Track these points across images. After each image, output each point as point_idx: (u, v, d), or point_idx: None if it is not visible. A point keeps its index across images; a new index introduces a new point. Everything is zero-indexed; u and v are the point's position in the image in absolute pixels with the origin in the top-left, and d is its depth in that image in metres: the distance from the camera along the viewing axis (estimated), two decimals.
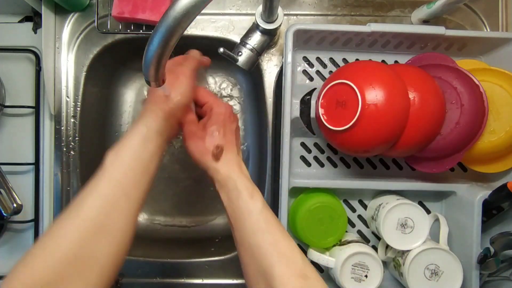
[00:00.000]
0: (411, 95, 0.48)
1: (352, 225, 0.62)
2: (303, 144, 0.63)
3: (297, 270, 0.39)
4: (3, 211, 0.62)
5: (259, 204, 0.43)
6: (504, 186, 0.50)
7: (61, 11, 0.64)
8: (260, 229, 0.41)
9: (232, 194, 0.44)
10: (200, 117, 0.51)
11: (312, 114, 0.56)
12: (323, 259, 0.55)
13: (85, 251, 0.36)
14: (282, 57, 0.63)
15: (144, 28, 0.63)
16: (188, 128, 0.48)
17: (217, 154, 0.45)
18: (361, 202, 0.62)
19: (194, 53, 0.56)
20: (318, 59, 0.61)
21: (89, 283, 0.36)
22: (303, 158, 0.62)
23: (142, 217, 0.76)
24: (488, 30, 0.64)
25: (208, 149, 0.46)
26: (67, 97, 0.65)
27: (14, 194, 0.63)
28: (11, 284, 0.33)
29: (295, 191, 0.59)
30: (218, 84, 0.78)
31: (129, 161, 0.41)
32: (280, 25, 0.58)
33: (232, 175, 0.45)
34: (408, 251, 0.54)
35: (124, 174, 0.40)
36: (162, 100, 0.45)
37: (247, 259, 0.42)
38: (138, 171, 0.41)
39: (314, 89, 0.59)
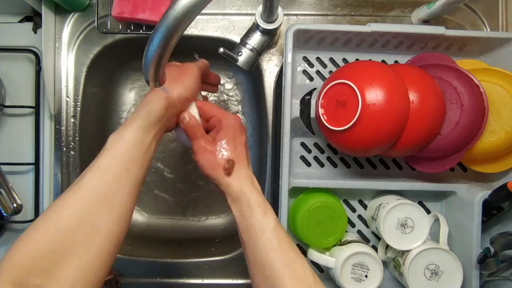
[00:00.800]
0: (411, 95, 0.48)
1: (352, 225, 0.62)
2: (303, 144, 0.63)
3: None
4: (3, 211, 0.62)
5: (272, 222, 0.42)
6: (504, 186, 0.50)
7: (61, 11, 0.65)
8: (273, 248, 0.41)
9: (245, 211, 0.43)
10: (207, 131, 0.50)
11: (312, 114, 0.56)
12: (323, 259, 0.55)
13: (87, 221, 0.36)
14: (282, 57, 0.63)
15: (144, 28, 0.63)
16: (198, 142, 0.47)
17: (229, 169, 0.44)
18: (361, 202, 0.62)
19: (203, 61, 0.55)
20: (318, 59, 0.61)
21: (91, 251, 0.36)
22: (303, 158, 0.62)
23: (142, 217, 0.76)
24: (488, 30, 0.64)
25: (219, 163, 0.45)
26: (67, 97, 0.65)
27: (14, 194, 0.63)
28: (15, 255, 0.33)
29: (295, 191, 0.59)
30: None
31: (131, 140, 0.42)
32: (280, 25, 0.58)
33: (245, 190, 0.44)
34: (408, 251, 0.54)
35: (126, 151, 0.41)
36: (162, 88, 0.46)
37: (259, 279, 0.42)
38: (139, 151, 0.42)
39: (314, 89, 0.59)
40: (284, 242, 0.42)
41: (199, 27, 0.65)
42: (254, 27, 0.59)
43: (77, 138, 0.66)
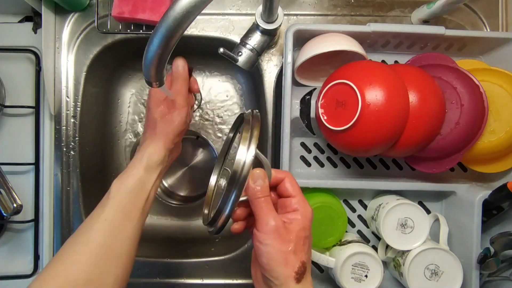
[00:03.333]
0: (411, 95, 0.48)
1: (352, 225, 0.62)
2: (303, 144, 0.63)
3: None
4: (3, 211, 0.62)
5: None
6: (504, 186, 0.50)
7: (61, 11, 0.64)
8: None
9: None
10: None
11: (312, 114, 0.56)
12: (323, 259, 0.55)
13: (96, 275, 0.38)
14: (282, 57, 0.63)
15: (144, 28, 0.63)
16: (269, 218, 0.36)
17: (301, 274, 0.35)
18: (361, 202, 0.62)
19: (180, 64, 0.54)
20: None
21: None
22: (303, 158, 0.63)
23: None
24: (488, 30, 0.64)
25: (293, 263, 0.35)
26: (67, 97, 0.65)
27: (14, 194, 0.63)
28: None
29: None
30: (218, 84, 0.78)
31: (133, 188, 0.44)
32: (280, 25, 0.58)
33: None
34: (408, 251, 0.54)
35: (129, 200, 0.43)
36: (164, 132, 0.48)
37: None
38: (141, 198, 0.44)
39: (314, 89, 0.59)
40: None
41: (199, 27, 0.65)
42: (254, 27, 0.59)
43: (77, 138, 0.66)
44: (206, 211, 0.42)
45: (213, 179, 0.46)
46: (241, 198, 0.37)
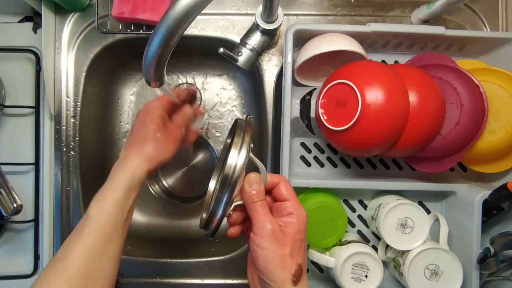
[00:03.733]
0: (411, 95, 0.48)
1: (352, 225, 0.62)
2: (303, 144, 0.63)
3: None
4: (3, 211, 0.62)
5: None
6: (504, 186, 0.50)
7: (61, 11, 0.65)
8: None
9: None
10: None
11: (312, 114, 0.56)
12: (323, 259, 0.55)
13: None
14: (282, 57, 0.63)
15: (144, 28, 0.63)
16: (265, 223, 0.36)
17: (298, 276, 0.36)
18: (361, 202, 0.62)
19: (187, 110, 0.53)
20: None
21: None
22: (303, 158, 0.62)
23: (142, 217, 0.76)
24: (488, 30, 0.64)
25: (289, 266, 0.36)
26: (67, 97, 0.65)
27: (14, 194, 0.63)
28: None
29: (295, 191, 0.58)
30: (218, 84, 0.78)
31: (113, 210, 0.42)
32: (280, 25, 0.58)
33: None
34: (408, 251, 0.54)
35: (108, 222, 0.41)
36: (152, 156, 0.46)
37: None
38: (120, 219, 0.42)
39: (314, 89, 0.59)
40: None
41: (199, 27, 0.65)
42: (254, 27, 0.59)
43: (77, 138, 0.66)
44: (204, 215, 0.42)
45: (212, 185, 0.46)
46: (237, 202, 0.38)
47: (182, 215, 0.77)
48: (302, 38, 0.57)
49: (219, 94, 0.77)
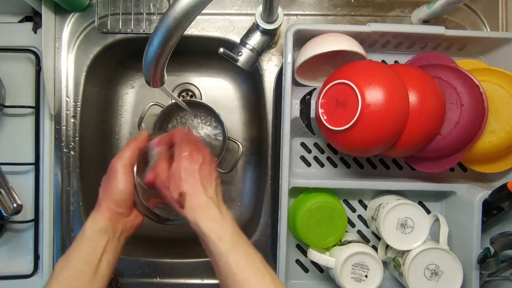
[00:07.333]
0: (411, 95, 0.48)
1: (352, 225, 0.62)
2: (303, 144, 0.63)
3: None
4: (3, 211, 0.61)
5: (227, 245, 0.41)
6: (504, 186, 0.50)
7: (61, 11, 0.64)
8: (231, 271, 0.40)
9: (203, 240, 0.43)
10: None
11: (312, 114, 0.56)
12: (323, 259, 0.55)
13: None
14: (282, 57, 0.63)
15: (144, 29, 0.63)
16: (159, 178, 0.46)
17: (181, 202, 0.43)
18: (361, 202, 0.62)
19: (141, 135, 0.51)
20: None
21: None
22: (303, 158, 0.63)
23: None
24: (488, 30, 0.64)
25: (174, 198, 0.44)
26: (67, 97, 0.65)
27: (14, 194, 0.63)
28: None
29: (295, 191, 0.59)
30: (218, 84, 0.78)
31: (78, 264, 0.42)
32: (280, 25, 0.58)
33: (198, 220, 0.42)
34: (408, 251, 0.54)
35: (74, 278, 0.41)
36: (106, 200, 0.46)
37: None
38: (88, 272, 0.42)
39: (314, 89, 0.59)
40: (241, 263, 0.41)
41: (199, 27, 0.65)
42: (254, 27, 0.59)
43: (77, 138, 0.66)
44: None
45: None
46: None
47: None
48: (302, 38, 0.57)
49: (218, 94, 0.77)
